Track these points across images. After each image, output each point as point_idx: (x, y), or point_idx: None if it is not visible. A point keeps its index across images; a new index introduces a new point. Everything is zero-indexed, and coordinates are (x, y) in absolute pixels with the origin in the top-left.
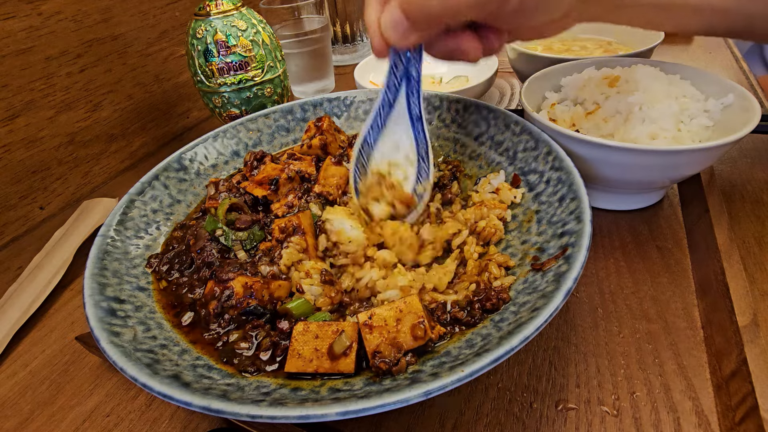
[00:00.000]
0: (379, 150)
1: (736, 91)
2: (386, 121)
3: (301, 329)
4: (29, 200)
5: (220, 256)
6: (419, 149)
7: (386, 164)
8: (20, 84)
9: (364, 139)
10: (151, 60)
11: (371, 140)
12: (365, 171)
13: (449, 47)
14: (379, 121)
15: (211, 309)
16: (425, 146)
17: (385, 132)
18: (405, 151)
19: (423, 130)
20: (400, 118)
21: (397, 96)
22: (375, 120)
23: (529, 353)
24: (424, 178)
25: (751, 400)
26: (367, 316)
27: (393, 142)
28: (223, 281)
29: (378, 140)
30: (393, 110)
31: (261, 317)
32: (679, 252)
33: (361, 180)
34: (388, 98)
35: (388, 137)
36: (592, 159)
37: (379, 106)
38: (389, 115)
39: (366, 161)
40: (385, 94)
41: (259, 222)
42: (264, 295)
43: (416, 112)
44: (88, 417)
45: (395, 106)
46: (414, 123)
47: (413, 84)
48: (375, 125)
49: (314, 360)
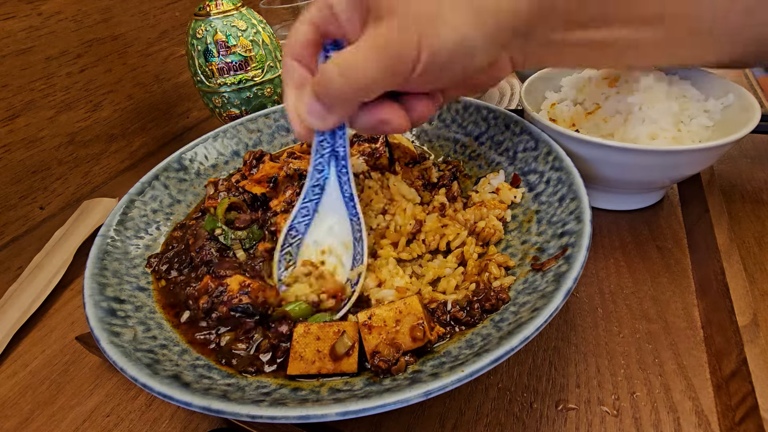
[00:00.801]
0: (311, 237)
1: (736, 91)
2: (317, 206)
3: (302, 331)
4: (29, 200)
5: (219, 255)
6: (354, 231)
7: (319, 252)
8: (20, 84)
9: (291, 225)
10: (151, 60)
11: (301, 227)
12: (292, 261)
13: (370, 121)
14: (309, 205)
15: (200, 304)
16: (359, 227)
17: (317, 217)
18: (341, 236)
19: (356, 210)
20: (333, 201)
21: (328, 177)
22: (303, 204)
23: (529, 353)
24: (359, 262)
25: (751, 400)
26: (367, 316)
27: (327, 226)
28: (220, 277)
29: (310, 226)
30: (324, 193)
31: (250, 317)
32: (679, 252)
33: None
34: (317, 180)
35: (322, 222)
36: (592, 159)
37: (308, 189)
38: (321, 198)
39: (295, 249)
40: (312, 176)
41: (258, 221)
42: (258, 296)
43: (348, 192)
44: (88, 417)
45: (326, 188)
46: (347, 203)
47: (341, 161)
48: (304, 209)
49: (317, 361)
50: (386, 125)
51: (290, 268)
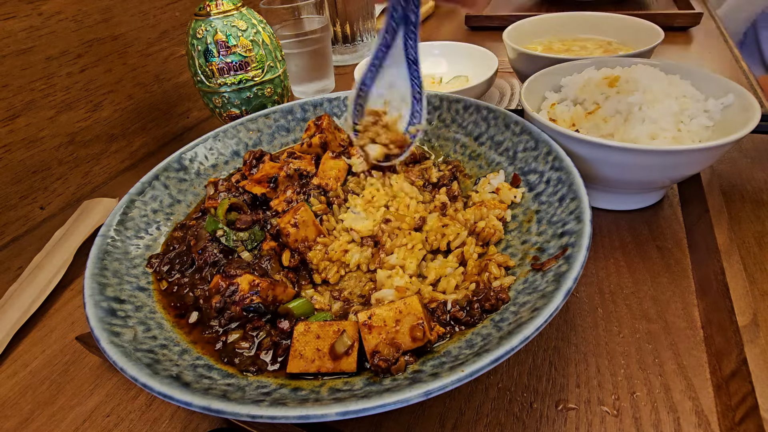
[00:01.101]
0: (375, 89)
1: (736, 91)
2: (383, 62)
3: (302, 330)
4: (29, 200)
5: (223, 256)
6: (414, 91)
7: (382, 102)
8: (20, 84)
9: (362, 80)
10: (151, 60)
11: (368, 81)
12: (362, 111)
13: None
14: (376, 62)
15: (213, 303)
16: (419, 90)
17: (381, 72)
18: (400, 92)
19: (418, 75)
20: (396, 60)
21: (395, 39)
22: (373, 62)
23: (529, 353)
24: (417, 120)
25: (751, 400)
26: (367, 316)
27: (388, 82)
28: (230, 276)
29: (375, 80)
30: (390, 52)
31: (262, 316)
32: (679, 252)
33: (359, 121)
34: (386, 40)
35: (384, 77)
36: (592, 159)
37: (377, 48)
38: (386, 56)
39: (363, 101)
40: (383, 37)
41: (260, 222)
42: (269, 295)
43: (413, 55)
44: (89, 417)
45: (392, 48)
46: (410, 65)
47: (411, 27)
48: (372, 66)
49: (316, 360)
50: None
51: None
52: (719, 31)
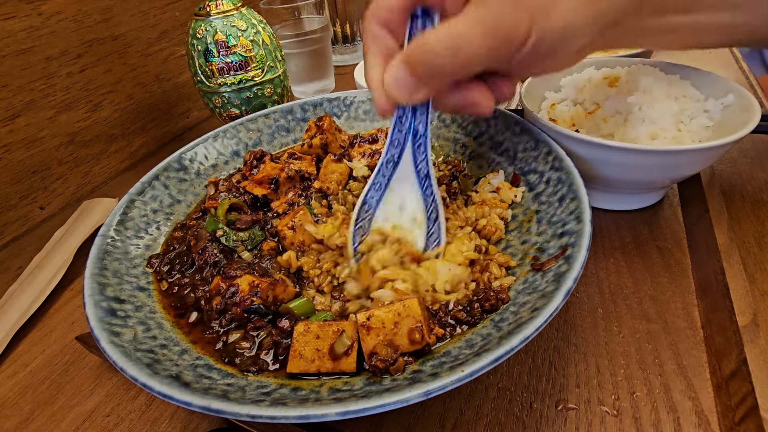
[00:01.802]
0: (381, 212)
1: (736, 91)
2: (390, 181)
3: (301, 330)
4: (29, 200)
5: (223, 256)
6: (428, 211)
7: (390, 226)
8: (20, 84)
9: (364, 200)
10: (151, 60)
11: (372, 201)
12: (365, 233)
13: (459, 102)
14: (381, 180)
15: (214, 305)
16: (435, 208)
17: (388, 192)
18: (411, 213)
19: (432, 190)
20: (405, 177)
21: (402, 153)
22: (377, 178)
23: (529, 353)
24: (436, 243)
25: (751, 400)
26: (365, 317)
27: (397, 202)
28: (230, 278)
29: (381, 201)
30: (397, 168)
31: (263, 317)
32: (679, 252)
33: (361, 240)
34: (392, 156)
35: (392, 198)
36: (592, 159)
37: (382, 163)
38: (393, 173)
39: (367, 224)
40: (388, 151)
41: (260, 222)
42: (269, 296)
43: (424, 170)
44: (88, 417)
45: (400, 163)
46: (421, 182)
47: (420, 139)
48: (377, 184)
49: (316, 360)
50: (474, 107)
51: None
52: None
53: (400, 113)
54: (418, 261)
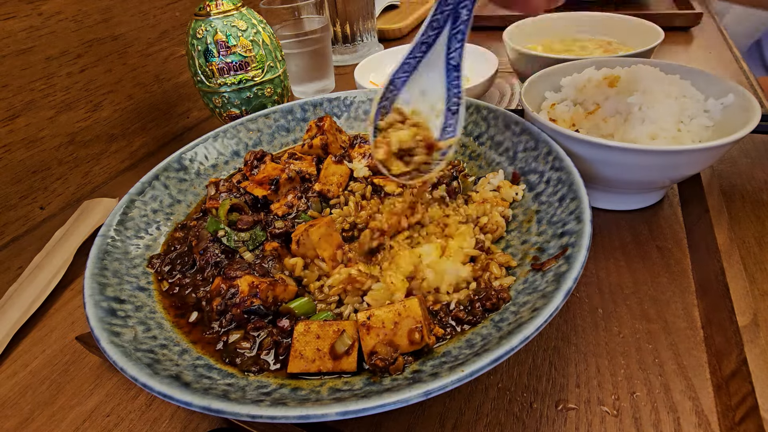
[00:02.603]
0: (404, 94)
1: (736, 91)
2: (419, 63)
3: (302, 330)
4: (29, 200)
5: (224, 256)
6: (449, 101)
7: (410, 110)
8: (20, 84)
9: (392, 79)
10: (151, 60)
11: (399, 82)
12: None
13: None
14: (411, 62)
15: (214, 306)
16: (457, 100)
17: (414, 75)
18: (432, 100)
19: (458, 83)
20: (435, 63)
21: (438, 37)
22: (407, 59)
23: (529, 353)
24: (451, 134)
25: (751, 400)
26: (366, 317)
27: (420, 88)
28: (230, 278)
29: (406, 83)
30: (429, 52)
31: (263, 318)
32: (679, 252)
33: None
34: (428, 37)
35: (417, 82)
36: (592, 159)
37: (415, 44)
38: (424, 56)
39: (389, 103)
40: (424, 32)
41: (261, 222)
42: (268, 296)
43: (455, 60)
44: (89, 417)
45: (433, 47)
46: (449, 72)
47: (460, 26)
48: (406, 65)
49: (317, 360)
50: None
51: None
52: (719, 31)
53: None
54: (430, 148)
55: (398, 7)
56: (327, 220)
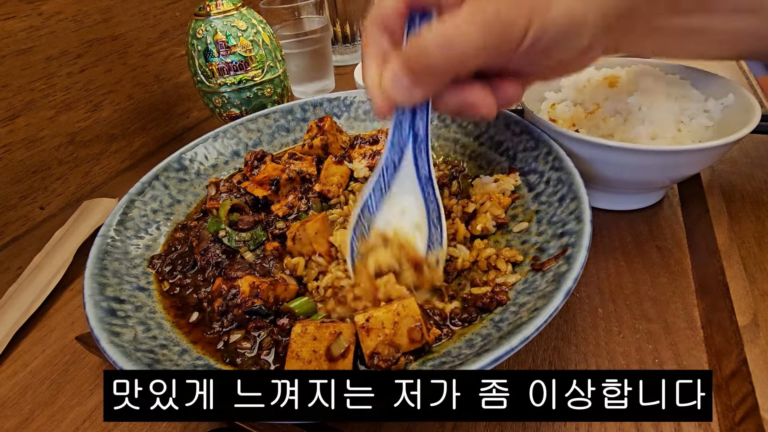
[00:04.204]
0: (382, 216)
1: (736, 91)
2: (390, 185)
3: (299, 331)
4: (29, 200)
5: (225, 257)
6: (430, 215)
7: (392, 231)
8: (20, 84)
9: (365, 204)
10: (151, 60)
11: (372, 206)
12: (365, 237)
13: (458, 102)
14: (382, 184)
15: (215, 306)
16: (437, 212)
17: (389, 196)
18: (413, 218)
19: (434, 193)
20: (406, 181)
21: (402, 156)
22: (377, 183)
23: (529, 353)
24: (437, 246)
25: (751, 400)
26: (365, 319)
27: (399, 207)
28: (231, 279)
29: (381, 206)
30: (398, 172)
31: (265, 317)
32: (679, 252)
33: (360, 243)
34: (393, 159)
35: (393, 202)
36: (592, 159)
37: (382, 167)
38: (394, 177)
39: (367, 228)
40: (388, 155)
41: (262, 222)
42: (269, 296)
43: (425, 173)
44: (88, 417)
45: (400, 167)
46: (423, 185)
47: (420, 141)
48: (377, 188)
49: (313, 361)
50: (473, 109)
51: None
52: None
53: (399, 115)
54: (418, 266)
55: None
56: (321, 216)
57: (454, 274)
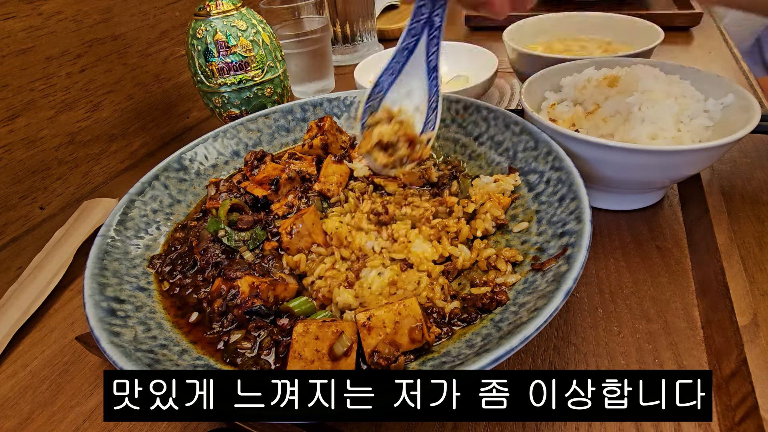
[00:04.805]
0: (391, 95)
1: (736, 91)
2: (402, 67)
3: (301, 330)
4: (29, 200)
5: (225, 256)
6: (430, 100)
7: (397, 109)
8: (20, 84)
9: (377, 81)
10: (151, 60)
11: (385, 84)
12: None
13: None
14: (395, 66)
15: (215, 307)
16: (436, 98)
17: (400, 78)
18: (416, 101)
19: (437, 83)
20: (416, 66)
21: (417, 43)
22: (391, 64)
23: (529, 353)
24: (431, 128)
25: (751, 400)
26: (366, 317)
27: (406, 89)
28: (231, 279)
29: (392, 85)
30: (411, 57)
31: (265, 317)
32: (679, 252)
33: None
34: (408, 44)
35: (403, 84)
36: (592, 159)
37: (397, 50)
38: (407, 61)
39: (377, 103)
40: (404, 39)
41: (261, 222)
42: (269, 296)
43: (434, 62)
44: (88, 417)
45: (414, 52)
46: (429, 73)
47: (435, 32)
48: (390, 69)
49: (315, 361)
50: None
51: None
52: (719, 31)
53: (420, 3)
54: (412, 143)
55: (398, 7)
56: (312, 208)
57: (454, 274)
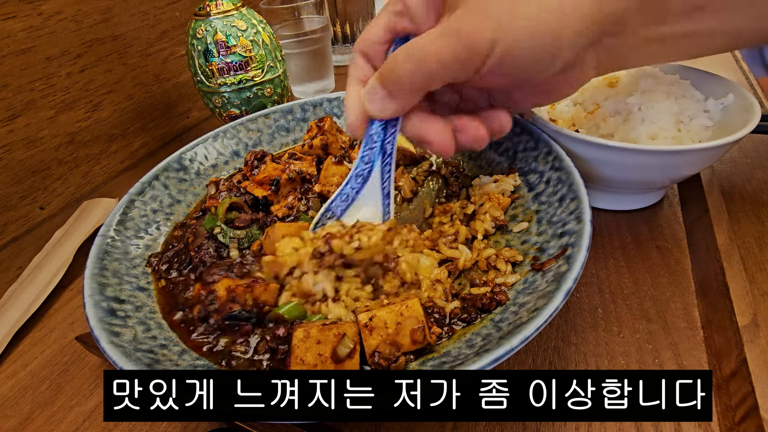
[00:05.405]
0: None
1: (736, 91)
2: (357, 195)
3: (301, 336)
4: (29, 200)
5: (217, 254)
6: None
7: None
8: (20, 84)
9: (329, 207)
10: (151, 60)
11: (337, 210)
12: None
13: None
14: (350, 192)
15: (195, 313)
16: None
17: (354, 206)
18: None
19: (389, 209)
20: (371, 194)
21: (372, 170)
22: (344, 189)
23: (529, 353)
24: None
25: (751, 400)
26: (368, 318)
27: (360, 216)
28: (208, 284)
29: (345, 213)
30: (366, 185)
31: (246, 321)
32: (679, 252)
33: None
34: (363, 170)
35: (356, 212)
36: (592, 159)
37: (351, 176)
38: (361, 189)
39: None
40: (358, 166)
41: (258, 221)
42: (247, 299)
43: (387, 189)
44: (88, 417)
45: (369, 180)
46: (384, 200)
47: (388, 158)
48: (344, 195)
49: (318, 365)
50: (427, 146)
51: None
52: None
53: (372, 131)
54: None
55: None
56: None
57: (454, 274)
